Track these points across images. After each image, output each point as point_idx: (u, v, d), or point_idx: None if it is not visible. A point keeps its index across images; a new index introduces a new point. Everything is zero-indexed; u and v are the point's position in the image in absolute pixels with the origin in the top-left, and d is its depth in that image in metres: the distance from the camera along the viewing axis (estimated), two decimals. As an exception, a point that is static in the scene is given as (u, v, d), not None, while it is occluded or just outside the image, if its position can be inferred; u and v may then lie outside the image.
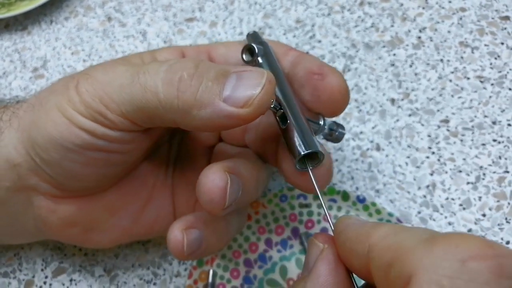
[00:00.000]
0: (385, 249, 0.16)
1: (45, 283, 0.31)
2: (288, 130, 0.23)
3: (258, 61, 0.25)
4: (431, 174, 0.32)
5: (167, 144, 0.29)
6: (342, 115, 0.35)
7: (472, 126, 0.34)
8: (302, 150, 0.22)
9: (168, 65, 0.21)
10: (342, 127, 0.26)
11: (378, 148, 0.34)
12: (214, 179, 0.21)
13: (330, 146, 0.34)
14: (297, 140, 0.22)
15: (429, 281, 0.13)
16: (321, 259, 0.19)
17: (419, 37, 0.38)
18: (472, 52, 0.37)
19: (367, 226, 0.18)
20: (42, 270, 0.32)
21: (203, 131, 0.26)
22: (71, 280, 0.31)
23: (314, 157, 0.23)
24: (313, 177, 0.22)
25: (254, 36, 0.28)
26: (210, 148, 0.28)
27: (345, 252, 0.18)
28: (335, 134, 0.26)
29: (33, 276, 0.32)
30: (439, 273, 0.13)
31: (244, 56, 0.26)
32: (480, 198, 0.31)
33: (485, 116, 0.34)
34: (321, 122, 0.25)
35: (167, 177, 0.29)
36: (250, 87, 0.20)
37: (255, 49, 0.25)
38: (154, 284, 0.31)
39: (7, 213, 0.26)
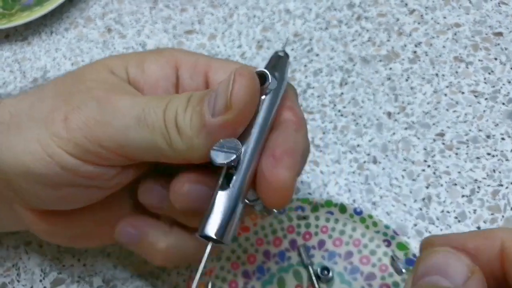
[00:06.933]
0: None
1: (43, 294, 0.31)
2: (220, 197, 0.21)
3: (264, 95, 0.23)
4: (427, 187, 0.33)
5: None
6: (339, 128, 0.36)
7: (467, 140, 0.35)
8: (214, 234, 0.20)
9: (165, 103, 0.21)
10: None
11: (374, 161, 0.34)
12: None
13: (327, 158, 0.35)
14: (218, 218, 0.21)
15: None
16: (476, 279, 0.18)
17: (415, 52, 0.39)
18: (467, 67, 0.38)
19: (484, 230, 0.20)
20: (40, 281, 0.32)
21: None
22: (69, 291, 0.31)
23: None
24: (207, 253, 0.21)
25: (279, 61, 0.24)
26: None
27: (473, 249, 0.19)
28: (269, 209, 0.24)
29: (32, 287, 0.32)
30: None
31: None
32: (475, 211, 0.32)
33: (480, 130, 0.35)
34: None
35: None
36: (224, 91, 0.20)
37: (268, 79, 0.22)
38: (153, 295, 0.31)
39: None
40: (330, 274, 0.29)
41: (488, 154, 0.34)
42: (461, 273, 0.18)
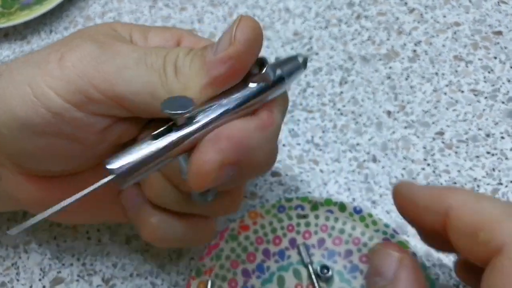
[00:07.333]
0: (469, 214, 0.19)
1: (42, 292, 0.31)
2: (145, 143, 0.20)
3: (255, 83, 0.22)
4: (427, 186, 0.33)
5: None
6: (339, 126, 0.36)
7: (467, 139, 0.35)
8: (114, 170, 0.20)
9: (168, 50, 0.22)
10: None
11: (374, 159, 0.34)
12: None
13: (327, 157, 0.35)
14: (128, 159, 0.20)
15: None
16: (404, 267, 0.21)
17: (415, 51, 0.39)
18: (466, 66, 0.38)
19: (440, 188, 0.21)
20: (39, 280, 0.32)
21: (208, 96, 0.22)
22: (69, 290, 0.31)
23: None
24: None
25: (293, 63, 0.23)
26: None
27: (418, 209, 0.21)
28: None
29: (31, 286, 0.32)
30: None
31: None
32: (474, 209, 0.32)
33: (479, 129, 0.35)
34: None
35: None
36: (228, 33, 0.20)
37: (266, 66, 0.21)
38: (152, 294, 0.31)
39: None
40: (330, 272, 0.29)
41: (488, 153, 0.34)
42: (391, 268, 0.22)
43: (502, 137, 0.34)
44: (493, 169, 0.33)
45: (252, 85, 0.21)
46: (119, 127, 0.23)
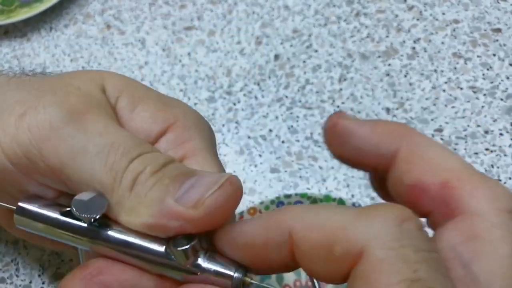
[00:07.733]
0: (316, 231, 0.16)
1: (42, 288, 0.31)
2: (57, 214, 0.19)
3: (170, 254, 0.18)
4: (425, 182, 0.33)
5: None
6: (338, 123, 0.36)
7: (465, 136, 0.35)
8: (16, 209, 0.20)
9: (139, 153, 0.19)
10: None
11: (373, 156, 0.34)
12: None
13: (326, 154, 0.35)
14: (35, 211, 0.20)
15: (382, 248, 0.15)
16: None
17: (414, 48, 0.39)
18: (465, 63, 0.38)
19: (275, 214, 0.17)
20: (39, 275, 0.32)
21: (145, 232, 0.19)
22: (68, 286, 0.31)
23: None
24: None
25: (225, 274, 0.18)
26: None
27: (255, 244, 0.17)
28: None
29: (30, 282, 0.32)
30: (387, 239, 0.15)
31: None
32: (473, 206, 0.32)
33: (478, 126, 0.35)
34: None
35: None
36: (205, 187, 0.18)
37: (188, 246, 0.17)
38: (152, 290, 0.31)
39: None
40: (329, 268, 0.29)
41: (487, 149, 0.34)
42: None
43: (501, 134, 0.35)
44: (492, 166, 0.33)
45: (162, 248, 0.18)
46: (65, 201, 0.21)
